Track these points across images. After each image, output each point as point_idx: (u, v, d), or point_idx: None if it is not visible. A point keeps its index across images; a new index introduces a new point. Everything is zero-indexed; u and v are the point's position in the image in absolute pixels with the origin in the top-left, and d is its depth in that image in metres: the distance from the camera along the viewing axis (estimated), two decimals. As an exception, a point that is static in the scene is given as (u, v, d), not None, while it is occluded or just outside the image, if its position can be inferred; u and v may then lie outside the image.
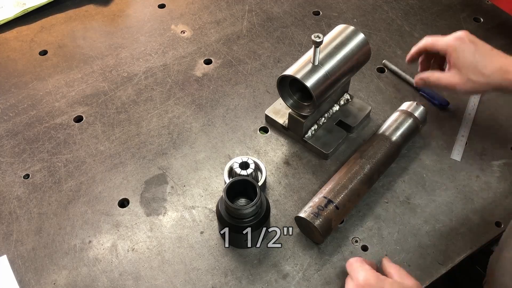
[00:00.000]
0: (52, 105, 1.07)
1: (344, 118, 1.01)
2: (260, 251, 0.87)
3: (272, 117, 1.02)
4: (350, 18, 1.24)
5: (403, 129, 0.96)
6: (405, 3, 1.28)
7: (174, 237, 0.89)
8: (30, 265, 0.86)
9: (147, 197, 0.94)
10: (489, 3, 1.27)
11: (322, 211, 0.84)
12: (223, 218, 0.82)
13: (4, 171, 0.97)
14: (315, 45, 0.84)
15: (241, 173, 0.90)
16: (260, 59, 1.16)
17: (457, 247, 0.88)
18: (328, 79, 0.87)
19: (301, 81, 0.86)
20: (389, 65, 1.12)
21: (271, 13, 1.25)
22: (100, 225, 0.90)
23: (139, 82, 1.11)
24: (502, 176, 0.96)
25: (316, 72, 0.87)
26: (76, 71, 1.13)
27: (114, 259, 0.86)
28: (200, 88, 1.10)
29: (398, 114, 0.98)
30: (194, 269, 0.85)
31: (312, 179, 0.96)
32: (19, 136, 1.02)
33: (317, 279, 0.84)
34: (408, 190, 0.95)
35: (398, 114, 0.98)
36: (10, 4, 1.24)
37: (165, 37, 1.20)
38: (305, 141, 0.98)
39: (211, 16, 1.25)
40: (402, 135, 0.95)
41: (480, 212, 0.92)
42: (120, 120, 1.05)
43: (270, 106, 1.03)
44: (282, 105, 1.02)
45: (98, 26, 1.23)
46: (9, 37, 1.21)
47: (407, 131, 0.96)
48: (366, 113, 1.02)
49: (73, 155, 0.99)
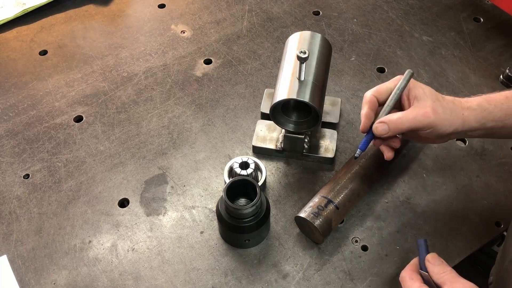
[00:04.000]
0: (52, 105, 1.07)
1: (324, 118, 1.00)
2: (260, 251, 0.87)
3: (261, 146, 0.98)
4: (350, 18, 1.24)
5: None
6: (405, 3, 1.28)
7: (174, 237, 0.89)
8: (30, 265, 0.86)
9: (147, 197, 0.94)
10: (489, 3, 1.27)
11: (322, 211, 0.84)
12: (223, 218, 0.82)
13: (4, 171, 0.97)
14: (301, 61, 0.82)
15: (241, 173, 0.90)
16: (260, 59, 1.16)
17: (457, 247, 0.88)
18: (317, 87, 0.87)
19: (301, 101, 0.84)
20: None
21: (271, 13, 1.25)
22: (100, 225, 0.90)
23: (139, 82, 1.11)
24: (502, 176, 0.96)
25: (306, 86, 0.85)
26: (76, 71, 1.13)
27: (114, 259, 0.86)
28: (200, 88, 1.10)
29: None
30: (194, 269, 0.85)
31: (312, 179, 0.96)
32: (19, 136, 1.02)
33: (317, 279, 0.84)
34: (408, 190, 0.95)
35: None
36: (10, 4, 1.24)
37: (165, 37, 1.20)
38: (306, 155, 0.97)
39: (211, 16, 1.25)
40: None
41: (480, 212, 0.92)
42: (120, 120, 1.05)
43: (253, 136, 1.00)
44: (263, 131, 1.00)
45: (98, 26, 1.23)
46: (9, 37, 1.21)
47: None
48: (339, 106, 1.02)
49: (73, 155, 0.99)
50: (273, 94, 0.87)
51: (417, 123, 0.78)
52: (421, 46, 1.18)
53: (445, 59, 1.15)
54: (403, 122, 0.78)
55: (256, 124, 1.01)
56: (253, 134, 1.00)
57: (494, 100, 0.80)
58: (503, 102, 0.79)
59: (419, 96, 0.79)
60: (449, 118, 0.78)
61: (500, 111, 0.79)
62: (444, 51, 1.17)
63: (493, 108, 0.79)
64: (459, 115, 0.79)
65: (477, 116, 0.79)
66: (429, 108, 0.78)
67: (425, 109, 0.78)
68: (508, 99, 0.80)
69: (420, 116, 0.78)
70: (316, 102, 0.84)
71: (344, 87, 1.10)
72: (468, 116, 0.79)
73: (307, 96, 0.84)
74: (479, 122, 0.80)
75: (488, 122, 0.80)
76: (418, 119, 0.78)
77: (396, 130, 0.79)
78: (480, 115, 0.79)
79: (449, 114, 0.79)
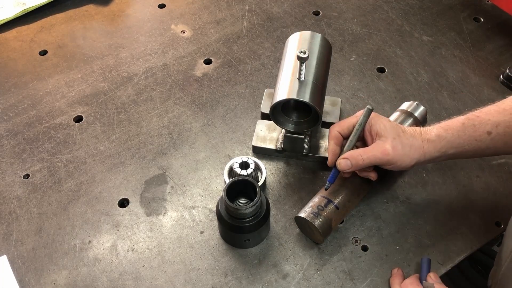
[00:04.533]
0: (52, 105, 1.07)
1: (324, 118, 1.00)
2: (260, 251, 0.87)
3: (261, 146, 0.98)
4: (350, 18, 1.24)
5: (403, 129, 0.96)
6: (405, 3, 1.28)
7: (174, 237, 0.89)
8: (30, 265, 0.86)
9: (147, 197, 0.94)
10: (489, 3, 1.27)
11: (322, 211, 0.84)
12: (223, 218, 0.82)
13: (4, 171, 0.97)
14: (301, 61, 0.82)
15: (241, 173, 0.90)
16: (260, 59, 1.16)
17: (457, 247, 0.88)
18: (317, 87, 0.87)
19: (301, 100, 0.83)
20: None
21: (271, 13, 1.25)
22: (100, 225, 0.90)
23: (139, 82, 1.11)
24: (502, 176, 0.96)
25: (306, 86, 0.85)
26: (76, 71, 1.13)
27: (114, 259, 0.86)
28: (200, 88, 1.10)
29: (398, 114, 0.98)
30: (194, 269, 0.85)
31: (312, 179, 0.96)
32: (19, 136, 1.02)
33: (317, 279, 0.84)
34: (408, 190, 0.95)
35: (398, 114, 0.98)
36: (10, 4, 1.24)
37: (165, 37, 1.20)
38: (306, 155, 0.97)
39: (211, 16, 1.25)
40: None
41: (480, 212, 0.92)
42: (120, 120, 1.05)
43: (253, 136, 1.00)
44: (263, 131, 1.00)
45: (98, 26, 1.23)
46: (9, 37, 1.21)
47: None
48: (339, 106, 1.02)
49: (73, 155, 0.99)
50: (273, 94, 0.87)
51: (377, 160, 0.81)
52: (421, 46, 1.18)
53: (445, 59, 1.15)
54: (363, 158, 0.81)
55: (256, 124, 1.01)
56: (253, 134, 1.00)
57: (451, 129, 0.82)
58: (460, 129, 0.82)
59: (380, 132, 0.82)
60: (408, 153, 0.81)
61: (458, 138, 0.82)
62: (444, 51, 1.17)
63: (451, 137, 0.82)
64: (418, 149, 0.82)
65: (436, 146, 0.82)
66: (388, 145, 0.81)
67: (384, 147, 0.81)
68: (464, 126, 0.82)
69: (379, 154, 0.81)
70: (316, 102, 0.84)
71: (344, 87, 1.10)
72: (428, 148, 0.82)
73: (307, 96, 0.84)
74: (439, 151, 0.82)
75: (448, 150, 0.82)
76: (377, 156, 0.81)
77: (357, 165, 0.82)
78: (439, 145, 0.82)
79: (409, 150, 0.81)
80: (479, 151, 0.82)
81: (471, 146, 0.82)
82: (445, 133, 0.82)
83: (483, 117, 0.82)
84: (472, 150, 0.82)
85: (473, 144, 0.81)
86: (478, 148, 0.82)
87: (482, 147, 0.81)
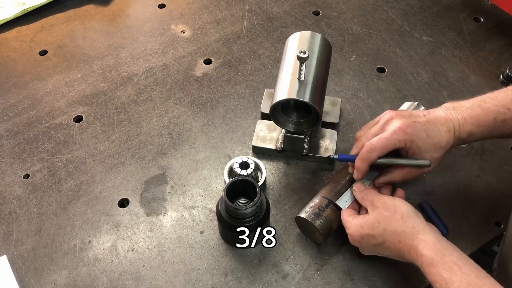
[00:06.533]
0: (52, 105, 1.07)
1: (324, 118, 1.00)
2: (260, 251, 0.87)
3: (261, 146, 0.98)
4: (350, 18, 1.24)
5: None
6: (405, 3, 1.28)
7: (174, 237, 0.89)
8: (30, 265, 0.86)
9: (147, 197, 0.94)
10: (489, 3, 1.27)
11: (323, 211, 0.84)
12: (223, 218, 0.82)
13: (4, 171, 0.97)
14: (301, 61, 0.82)
15: (241, 173, 0.90)
16: (260, 59, 1.16)
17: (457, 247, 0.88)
18: (317, 87, 0.87)
19: (301, 101, 0.84)
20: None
21: (271, 13, 1.25)
22: (100, 225, 0.90)
23: (139, 82, 1.11)
24: (502, 176, 0.96)
25: (306, 86, 0.85)
26: (76, 71, 1.13)
27: (114, 259, 0.86)
28: (200, 88, 1.10)
29: (398, 114, 0.98)
30: (194, 269, 0.85)
31: (312, 179, 0.96)
32: (19, 136, 1.02)
33: (317, 279, 0.84)
34: (408, 190, 0.94)
35: (398, 114, 0.98)
36: (10, 4, 1.24)
37: (165, 37, 1.20)
38: (306, 155, 0.97)
39: (211, 16, 1.25)
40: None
41: (480, 212, 0.92)
42: (120, 120, 1.05)
43: (253, 136, 1.00)
44: (263, 131, 1.00)
45: (98, 26, 1.23)
46: (9, 37, 1.21)
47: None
48: (339, 106, 1.02)
49: (73, 155, 0.99)
50: (273, 94, 0.87)
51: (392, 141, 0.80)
52: (421, 46, 1.18)
53: (445, 59, 1.15)
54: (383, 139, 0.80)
55: (256, 124, 1.01)
56: (253, 134, 1.00)
57: (482, 125, 0.83)
58: (490, 125, 0.82)
59: (419, 152, 0.83)
60: (432, 141, 0.82)
61: (488, 134, 0.84)
62: (444, 51, 1.17)
63: (481, 134, 0.83)
64: (449, 140, 0.83)
65: (464, 140, 0.84)
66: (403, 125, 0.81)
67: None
68: (495, 122, 0.82)
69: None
70: (316, 102, 0.84)
71: (344, 87, 1.10)
72: (455, 143, 0.83)
73: (307, 96, 0.84)
74: (464, 142, 0.84)
75: (474, 141, 0.86)
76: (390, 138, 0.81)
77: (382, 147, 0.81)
78: (467, 140, 0.84)
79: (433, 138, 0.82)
80: (506, 136, 0.85)
81: (499, 136, 0.84)
82: (476, 129, 0.82)
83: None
84: (499, 137, 0.85)
85: (502, 134, 0.84)
86: (506, 135, 0.84)
87: (510, 135, 0.84)
